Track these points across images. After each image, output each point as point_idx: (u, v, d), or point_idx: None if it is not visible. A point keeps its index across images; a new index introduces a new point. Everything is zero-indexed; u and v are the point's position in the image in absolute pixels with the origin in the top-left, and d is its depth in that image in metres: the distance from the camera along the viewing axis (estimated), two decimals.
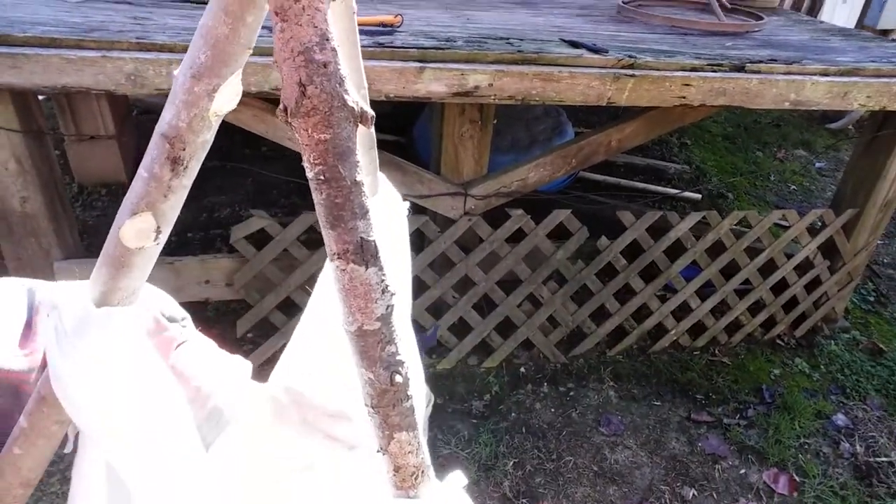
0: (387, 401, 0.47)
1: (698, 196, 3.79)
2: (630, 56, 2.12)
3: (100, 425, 0.51)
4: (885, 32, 4.65)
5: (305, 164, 0.45)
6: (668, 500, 2.15)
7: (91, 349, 0.50)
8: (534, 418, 2.38)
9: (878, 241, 3.60)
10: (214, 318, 2.52)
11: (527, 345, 2.61)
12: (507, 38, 2.22)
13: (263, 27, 0.51)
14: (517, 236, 2.38)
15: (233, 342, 2.40)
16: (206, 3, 0.48)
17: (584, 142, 2.44)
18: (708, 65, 2.19)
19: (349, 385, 0.72)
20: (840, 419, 2.58)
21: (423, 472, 0.50)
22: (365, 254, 0.45)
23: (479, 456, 2.19)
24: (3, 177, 1.93)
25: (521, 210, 2.36)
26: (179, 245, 2.83)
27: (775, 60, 2.28)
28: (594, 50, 2.15)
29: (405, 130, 3.71)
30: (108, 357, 0.50)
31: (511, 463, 2.18)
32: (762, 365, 2.79)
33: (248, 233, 2.13)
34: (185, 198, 0.50)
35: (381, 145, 1.76)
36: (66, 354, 0.50)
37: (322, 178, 0.44)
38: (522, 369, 2.59)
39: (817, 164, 4.56)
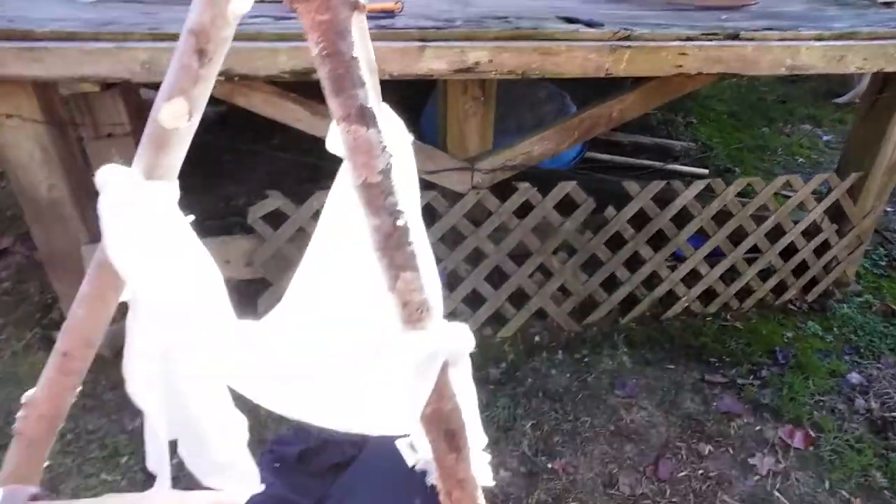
0: (391, 244, 0.54)
1: (706, 171, 3.83)
2: (626, 29, 2.18)
3: (147, 284, 0.58)
4: (887, 4, 4.66)
5: (311, 45, 0.53)
6: (684, 456, 2.20)
7: (139, 217, 0.58)
8: (550, 383, 2.44)
9: (888, 209, 3.62)
10: (235, 298, 2.60)
11: (540, 314, 2.67)
12: (505, 17, 2.29)
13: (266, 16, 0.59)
14: (525, 210, 2.45)
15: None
16: None
17: (586, 114, 2.51)
18: (703, 34, 2.24)
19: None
20: (854, 377, 2.61)
21: (427, 308, 0.57)
22: (365, 117, 0.53)
23: (497, 418, 2.26)
24: (30, 165, 2.04)
25: (528, 183, 2.43)
26: (198, 232, 2.92)
27: (770, 29, 2.33)
28: (590, 24, 2.22)
29: (412, 119, 3.79)
30: (153, 223, 0.58)
31: (529, 424, 2.25)
32: (774, 328, 2.82)
33: (265, 212, 2.22)
34: (210, 88, 0.58)
35: None
36: (118, 223, 0.57)
37: (325, 53, 0.52)
38: (537, 338, 2.65)
39: (824, 138, 4.58)
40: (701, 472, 2.18)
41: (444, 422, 0.63)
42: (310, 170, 3.00)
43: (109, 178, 0.60)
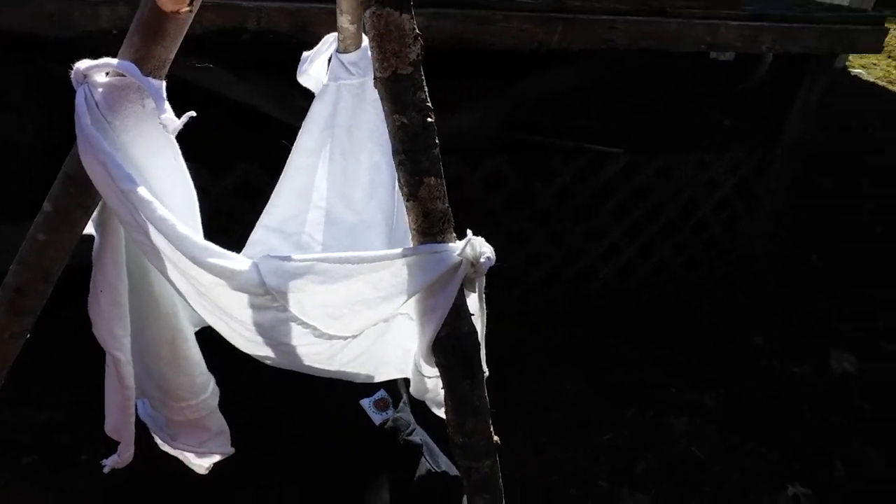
0: (419, 145, 0.49)
1: (620, 150, 3.94)
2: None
3: (132, 191, 0.49)
4: None
5: None
6: (609, 422, 2.26)
7: (126, 122, 0.49)
8: None
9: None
10: None
11: None
12: None
13: None
14: (451, 183, 2.40)
15: None
16: None
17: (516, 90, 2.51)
18: (633, 9, 2.29)
19: None
20: (758, 339, 2.80)
21: (448, 219, 0.53)
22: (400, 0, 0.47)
23: None
24: None
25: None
26: None
27: (692, 7, 2.41)
28: None
29: None
30: (142, 129, 0.50)
31: None
32: (688, 300, 2.97)
33: None
34: None
35: None
36: (97, 120, 0.48)
37: None
38: None
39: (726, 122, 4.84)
40: (626, 433, 2.27)
41: (460, 345, 0.59)
42: None
43: (92, 68, 0.51)
